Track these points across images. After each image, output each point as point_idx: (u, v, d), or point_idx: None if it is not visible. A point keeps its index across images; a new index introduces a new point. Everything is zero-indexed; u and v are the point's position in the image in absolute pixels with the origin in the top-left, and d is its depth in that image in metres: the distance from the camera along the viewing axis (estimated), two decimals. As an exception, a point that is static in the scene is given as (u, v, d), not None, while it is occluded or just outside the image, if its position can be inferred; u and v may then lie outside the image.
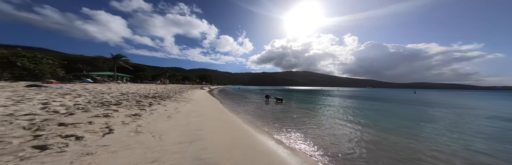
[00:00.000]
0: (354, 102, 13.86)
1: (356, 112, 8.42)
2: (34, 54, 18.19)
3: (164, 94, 11.99)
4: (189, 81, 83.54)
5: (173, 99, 9.69)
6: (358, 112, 8.60)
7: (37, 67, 16.49)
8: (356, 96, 22.28)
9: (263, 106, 10.05)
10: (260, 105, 10.78)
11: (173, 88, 22.74)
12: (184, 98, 11.36)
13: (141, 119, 4.25)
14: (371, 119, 6.60)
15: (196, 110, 6.63)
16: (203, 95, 16.16)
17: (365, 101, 15.22)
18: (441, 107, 11.38)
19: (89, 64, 44.57)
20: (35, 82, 13.27)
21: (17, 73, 15.79)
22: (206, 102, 10.44)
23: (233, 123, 4.99)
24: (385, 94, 31.31)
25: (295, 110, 8.99)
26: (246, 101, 13.28)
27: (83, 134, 2.69)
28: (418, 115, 7.99)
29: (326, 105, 11.64)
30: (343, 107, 10.66)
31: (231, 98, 16.67)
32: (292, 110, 8.80)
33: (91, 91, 9.95)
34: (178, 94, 13.88)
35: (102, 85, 16.27)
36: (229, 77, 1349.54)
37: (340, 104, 12.54)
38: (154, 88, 19.08)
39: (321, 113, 8.24)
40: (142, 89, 15.81)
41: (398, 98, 20.74)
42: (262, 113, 7.64)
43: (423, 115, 8.19)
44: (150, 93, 11.65)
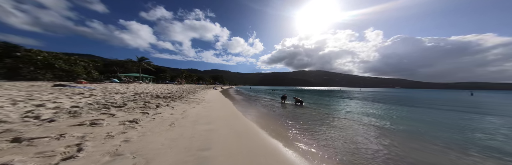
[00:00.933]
0: (412, 110, 9.07)
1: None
2: (68, 57, 18.94)
3: (177, 94, 11.24)
4: (203, 82, 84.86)
5: (184, 100, 8.80)
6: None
7: (72, 68, 17.19)
8: (400, 100, 16.27)
9: (282, 110, 8.62)
10: (278, 108, 9.43)
11: (188, 88, 22.36)
12: (196, 98, 10.48)
13: (136, 128, 3.22)
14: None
15: (206, 115, 5.53)
16: (215, 96, 15.28)
17: (423, 108, 10.15)
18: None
19: (121, 67, 47.28)
20: (64, 82, 13.54)
21: (58, 74, 16.56)
22: (218, 103, 9.40)
23: (252, 136, 3.76)
24: (432, 97, 23.47)
25: (320, 115, 7.53)
26: (261, 103, 12.03)
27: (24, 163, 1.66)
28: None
29: (355, 111, 8.43)
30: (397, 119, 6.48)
31: (244, 99, 15.56)
32: (314, 115, 7.38)
33: (108, 90, 9.48)
34: (190, 94, 13.11)
35: (124, 85, 16.28)
36: (240, 77, 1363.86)
37: (385, 111, 8.43)
38: (170, 88, 18.75)
39: (360, 120, 6.70)
40: (158, 89, 15.42)
41: (456, 103, 14.20)
42: (286, 119, 6.17)
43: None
44: (163, 93, 10.97)
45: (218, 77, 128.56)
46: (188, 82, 67.68)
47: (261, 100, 14.00)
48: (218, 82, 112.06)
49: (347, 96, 21.48)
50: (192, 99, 9.55)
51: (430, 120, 6.73)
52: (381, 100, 16.03)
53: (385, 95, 28.23)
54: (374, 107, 10.62)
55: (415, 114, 8.06)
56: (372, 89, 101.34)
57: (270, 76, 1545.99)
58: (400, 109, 10.01)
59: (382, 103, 13.24)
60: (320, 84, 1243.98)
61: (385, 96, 25.18)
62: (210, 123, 4.39)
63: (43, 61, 14.98)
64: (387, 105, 12.12)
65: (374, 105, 12.17)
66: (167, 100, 7.74)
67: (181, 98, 9.57)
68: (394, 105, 12.24)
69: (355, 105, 11.68)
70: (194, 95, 12.67)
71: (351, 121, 6.17)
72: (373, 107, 10.61)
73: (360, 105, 11.92)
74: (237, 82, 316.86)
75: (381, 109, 9.92)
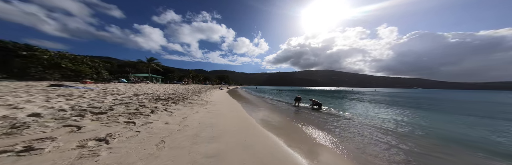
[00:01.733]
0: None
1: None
2: (74, 56, 18.33)
3: (181, 95, 10.04)
4: (210, 82, 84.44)
5: (187, 102, 7.55)
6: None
7: (79, 68, 16.53)
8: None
9: (303, 115, 7.16)
10: (296, 112, 7.98)
11: (194, 88, 21.32)
12: (201, 100, 9.22)
13: (99, 155, 1.93)
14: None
15: (211, 123, 4.20)
16: (221, 96, 14.02)
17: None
18: None
19: (133, 67, 47.82)
20: (65, 82, 12.80)
21: (66, 74, 15.97)
22: (226, 106, 8.07)
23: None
24: (473, 100, 19.29)
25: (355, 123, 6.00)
26: (274, 105, 10.61)
27: None
28: None
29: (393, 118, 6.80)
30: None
31: (253, 100, 14.19)
32: (356, 125, 5.88)
33: (106, 91, 8.43)
34: (196, 95, 11.91)
35: (129, 85, 15.42)
36: (245, 77, 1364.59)
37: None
38: (176, 88, 17.74)
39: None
40: (163, 89, 14.39)
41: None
42: (319, 130, 4.73)
43: None
44: (166, 94, 9.81)
45: (224, 77, 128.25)
46: (195, 82, 67.31)
47: (271, 102, 12.59)
48: (224, 82, 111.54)
49: (366, 98, 19.50)
50: (196, 101, 8.29)
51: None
52: (414, 105, 13.88)
53: (410, 97, 25.86)
54: (414, 115, 8.91)
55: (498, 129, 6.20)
56: (388, 90, 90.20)
57: (275, 76, 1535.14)
58: (460, 120, 7.48)
59: (419, 109, 11.38)
60: (328, 84, 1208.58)
61: (411, 98, 22.95)
62: (216, 138, 3.03)
63: (49, 61, 14.36)
64: (428, 112, 10.05)
65: (408, 110, 10.44)
66: (168, 103, 6.50)
67: (185, 99, 8.33)
68: (439, 113, 9.53)
69: (389, 111, 10.00)
70: (199, 96, 11.45)
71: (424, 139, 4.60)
72: (412, 115, 8.91)
73: (397, 111, 10.15)
74: (243, 82, 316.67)
75: (427, 118, 8.20)
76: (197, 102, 7.96)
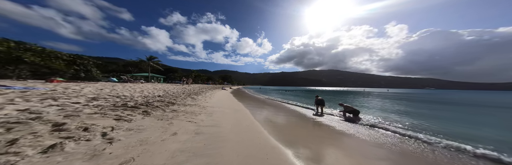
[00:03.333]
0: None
1: None
2: (43, 49, 14.78)
3: (167, 99, 7.51)
4: (212, 81, 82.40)
5: (170, 110, 4.99)
6: None
7: (48, 63, 13.87)
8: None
9: (353, 133, 4.51)
10: (333, 129, 5.32)
11: (193, 88, 18.86)
12: (195, 105, 6.65)
13: None
14: None
15: (201, 154, 1.56)
16: (224, 99, 11.42)
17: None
18: None
19: (136, 67, 46.62)
20: (9, 80, 10.24)
21: (39, 71, 13.11)
22: (229, 116, 5.46)
23: None
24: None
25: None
26: (292, 113, 7.95)
27: None
28: None
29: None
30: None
31: (264, 104, 11.53)
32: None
33: (64, 93, 6.02)
34: (191, 97, 9.35)
35: (113, 84, 13.03)
36: (248, 77, 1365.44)
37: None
38: (171, 88, 15.29)
39: None
40: (153, 89, 11.92)
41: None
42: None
43: None
44: (147, 97, 7.24)
45: (227, 77, 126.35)
46: (198, 82, 65.31)
47: (285, 106, 9.87)
48: (227, 82, 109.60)
49: (400, 102, 16.50)
50: (186, 108, 5.71)
51: None
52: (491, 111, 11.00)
53: (447, 98, 22.69)
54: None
55: None
56: (402, 90, 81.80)
57: (278, 76, 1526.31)
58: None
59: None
60: (333, 84, 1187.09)
61: (453, 100, 19.81)
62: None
63: (7, 53, 11.67)
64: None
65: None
66: (133, 114, 3.92)
67: (169, 105, 5.75)
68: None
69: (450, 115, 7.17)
70: (195, 99, 8.87)
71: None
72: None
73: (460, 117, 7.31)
74: (245, 82, 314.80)
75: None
76: (186, 110, 5.36)
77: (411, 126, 5.39)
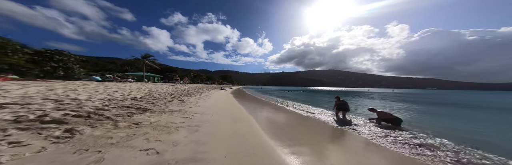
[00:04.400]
0: None
1: None
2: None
3: (146, 102, 5.59)
4: (212, 81, 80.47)
5: (132, 123, 3.10)
6: None
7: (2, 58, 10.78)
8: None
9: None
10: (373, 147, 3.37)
11: (189, 89, 16.96)
12: (181, 110, 4.73)
13: None
14: None
15: None
16: (222, 101, 9.47)
17: None
18: None
19: (133, 66, 45.20)
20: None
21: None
22: (225, 125, 3.52)
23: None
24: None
25: None
26: (308, 119, 6.01)
27: None
28: None
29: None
30: None
31: (267, 106, 9.57)
32: None
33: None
34: (179, 99, 7.44)
35: (90, 84, 11.04)
36: (248, 77, 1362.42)
37: None
38: (161, 88, 13.39)
39: None
40: (133, 90, 10.05)
41: None
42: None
43: None
44: (113, 100, 5.36)
45: (227, 77, 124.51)
46: (197, 81, 63.38)
47: (297, 112, 7.88)
48: (227, 82, 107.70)
49: (421, 106, 14.50)
50: (164, 116, 3.79)
51: None
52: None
53: (457, 100, 20.68)
54: None
55: None
56: (406, 90, 77.81)
57: (278, 76, 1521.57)
58: None
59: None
60: (334, 84, 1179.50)
61: (463, 102, 17.82)
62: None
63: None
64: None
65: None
66: (34, 136, 2.04)
67: (138, 113, 3.84)
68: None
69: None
70: (184, 101, 6.96)
71: None
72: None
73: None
74: (246, 82, 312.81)
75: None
76: (160, 121, 3.44)
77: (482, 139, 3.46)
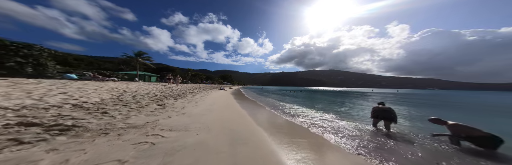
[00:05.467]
0: None
1: None
2: None
3: (100, 109, 3.56)
4: (211, 81, 78.35)
5: (61, 142, 1.09)
6: None
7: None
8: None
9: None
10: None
11: (182, 89, 14.91)
12: (148, 123, 2.68)
13: None
14: None
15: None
16: (220, 105, 7.36)
17: None
18: None
19: (128, 65, 43.46)
20: None
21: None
22: (220, 157, 1.46)
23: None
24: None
25: None
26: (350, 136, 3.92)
27: None
28: None
29: None
30: None
31: (283, 113, 7.49)
32: None
33: None
34: (158, 104, 5.39)
35: (49, 83, 8.95)
36: (248, 77, 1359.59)
37: None
38: (146, 88, 11.35)
39: None
40: (102, 91, 8.03)
41: None
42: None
43: None
44: (51, 109, 3.35)
45: (227, 77, 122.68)
46: (196, 81, 61.24)
47: (326, 120, 5.71)
48: (227, 82, 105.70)
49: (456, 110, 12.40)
50: (102, 140, 1.78)
51: None
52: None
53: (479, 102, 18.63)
54: None
55: None
56: (409, 91, 74.16)
57: (278, 76, 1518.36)
58: None
59: None
60: (334, 84, 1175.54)
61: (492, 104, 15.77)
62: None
63: None
64: None
65: None
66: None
67: (39, 139, 1.83)
68: None
69: None
70: (164, 107, 4.91)
71: None
72: None
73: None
74: (246, 82, 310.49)
75: None
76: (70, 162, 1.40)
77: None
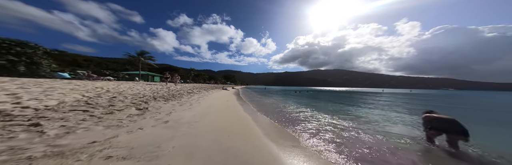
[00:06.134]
0: None
1: None
2: None
3: (46, 116, 2.41)
4: (214, 81, 77.64)
5: None
6: None
7: None
8: None
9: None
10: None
11: (181, 89, 13.84)
12: (87, 149, 1.50)
13: None
14: None
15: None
16: (218, 107, 6.09)
17: None
18: None
19: (133, 65, 43.76)
20: None
21: None
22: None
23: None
24: None
25: None
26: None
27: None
28: None
29: None
30: None
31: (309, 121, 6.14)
32: None
33: None
34: (139, 108, 4.20)
35: (34, 82, 7.97)
36: (251, 77, 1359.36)
37: None
38: (137, 88, 10.31)
39: None
40: (81, 92, 6.98)
41: None
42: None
43: None
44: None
45: (230, 77, 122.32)
46: (199, 81, 60.59)
47: (361, 131, 4.31)
48: (230, 82, 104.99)
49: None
50: None
51: None
52: None
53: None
54: None
55: None
56: (424, 91, 67.96)
57: (282, 76, 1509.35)
58: None
59: None
60: (339, 84, 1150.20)
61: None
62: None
63: None
64: None
65: None
66: None
67: None
68: None
69: None
70: (143, 113, 3.72)
71: None
72: None
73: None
74: (249, 82, 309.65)
75: None
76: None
77: None
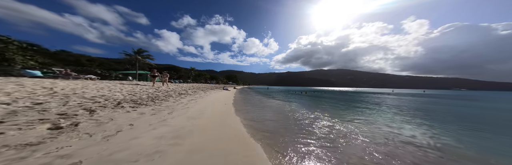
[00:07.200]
0: None
1: None
2: None
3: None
4: (215, 81, 76.07)
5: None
6: None
7: None
8: None
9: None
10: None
11: (173, 90, 12.07)
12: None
13: None
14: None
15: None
16: (213, 114, 4.26)
17: None
18: None
19: (133, 65, 42.68)
20: None
21: None
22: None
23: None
24: None
25: None
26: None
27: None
28: None
29: None
30: None
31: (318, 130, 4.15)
32: None
33: None
34: (95, 117, 2.47)
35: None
36: (253, 77, 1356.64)
37: None
38: (114, 89, 8.55)
39: None
40: (31, 94, 5.25)
41: None
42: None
43: None
44: None
45: (232, 77, 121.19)
46: (200, 81, 59.06)
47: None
48: (232, 82, 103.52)
49: None
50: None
51: None
52: None
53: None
54: None
55: None
56: (438, 92, 61.79)
57: (284, 76, 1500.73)
58: None
59: None
60: (343, 84, 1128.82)
61: None
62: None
63: None
64: None
65: None
66: None
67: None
68: None
69: None
70: (58, 137, 1.94)
71: None
72: None
73: None
74: (251, 82, 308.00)
75: None
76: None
77: None
